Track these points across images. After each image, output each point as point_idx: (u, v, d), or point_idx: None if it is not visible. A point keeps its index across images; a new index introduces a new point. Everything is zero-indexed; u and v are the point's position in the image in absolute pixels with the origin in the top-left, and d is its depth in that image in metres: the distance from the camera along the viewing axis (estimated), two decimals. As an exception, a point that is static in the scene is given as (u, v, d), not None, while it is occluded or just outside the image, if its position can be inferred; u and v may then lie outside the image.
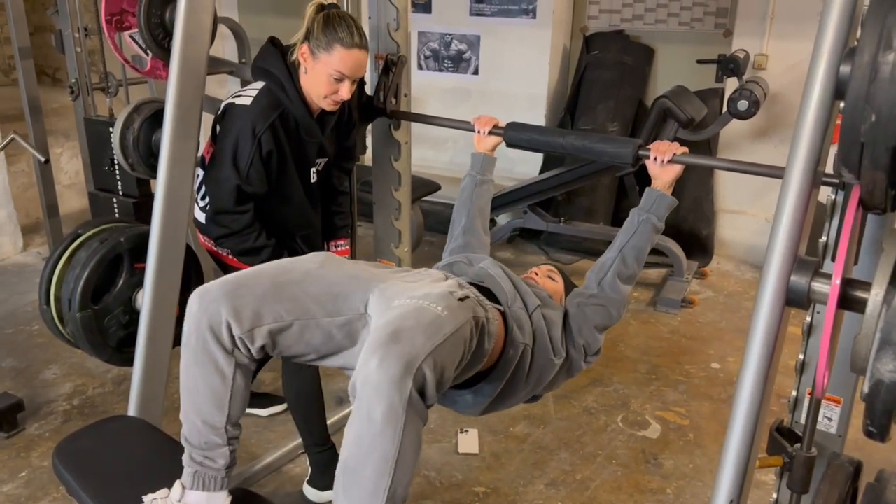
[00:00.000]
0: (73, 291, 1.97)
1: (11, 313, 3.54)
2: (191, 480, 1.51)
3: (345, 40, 1.92)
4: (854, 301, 1.15)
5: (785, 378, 2.05)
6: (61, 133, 4.78)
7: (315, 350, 1.50)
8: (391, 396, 1.20)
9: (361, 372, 1.22)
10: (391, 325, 1.28)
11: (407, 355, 1.21)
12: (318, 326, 1.47)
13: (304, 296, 1.46)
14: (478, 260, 1.80)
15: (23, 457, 2.52)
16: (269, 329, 1.42)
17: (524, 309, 1.65)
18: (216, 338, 1.42)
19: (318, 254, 1.62)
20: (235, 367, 1.45)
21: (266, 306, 1.43)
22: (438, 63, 4.82)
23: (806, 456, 1.60)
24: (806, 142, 1.19)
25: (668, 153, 1.81)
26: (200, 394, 1.47)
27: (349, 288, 1.51)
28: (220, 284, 1.45)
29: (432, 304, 1.35)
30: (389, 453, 1.22)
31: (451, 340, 1.31)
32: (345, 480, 1.28)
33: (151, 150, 2.30)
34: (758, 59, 3.95)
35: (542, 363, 1.66)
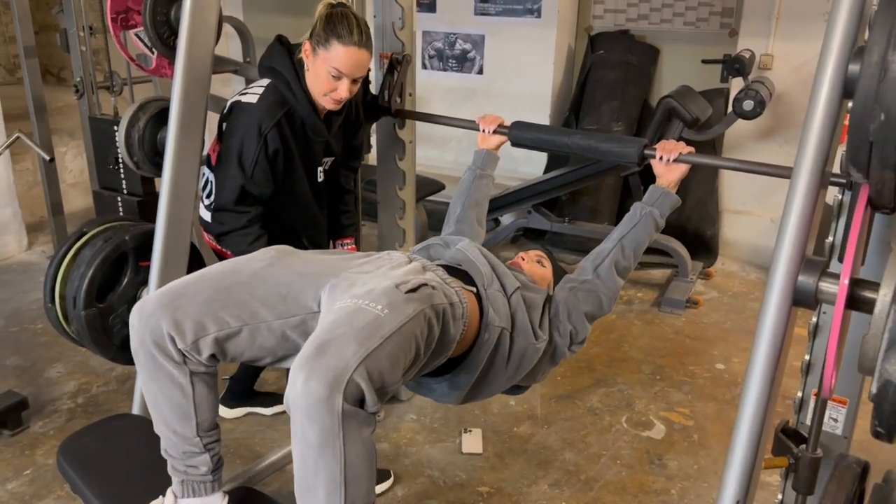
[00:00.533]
0: (78, 290, 1.97)
1: (16, 311, 3.54)
2: (181, 489, 1.51)
3: (343, 37, 1.90)
4: (862, 301, 1.14)
5: (790, 379, 2.04)
6: (66, 132, 4.79)
7: (271, 353, 1.44)
8: (321, 417, 1.15)
9: (290, 392, 1.17)
10: (320, 336, 1.22)
11: (333, 369, 1.15)
12: (270, 329, 1.40)
13: (251, 299, 1.39)
14: (455, 242, 1.73)
15: (27, 455, 2.52)
16: (214, 337, 1.36)
17: (502, 291, 1.58)
18: (163, 352, 1.37)
19: (267, 250, 1.55)
20: (191, 376, 1.40)
21: (209, 314, 1.36)
22: (443, 62, 4.82)
23: (811, 457, 1.60)
24: (814, 141, 1.19)
25: (674, 152, 1.81)
26: (164, 407, 1.44)
27: (299, 286, 1.44)
28: (157, 297, 1.39)
29: (372, 303, 1.29)
30: (335, 472, 1.19)
31: (392, 340, 1.24)
32: (302, 499, 1.27)
33: (156, 149, 2.30)
34: (763, 59, 3.94)
35: (523, 347, 1.59)
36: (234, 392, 2.72)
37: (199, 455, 1.48)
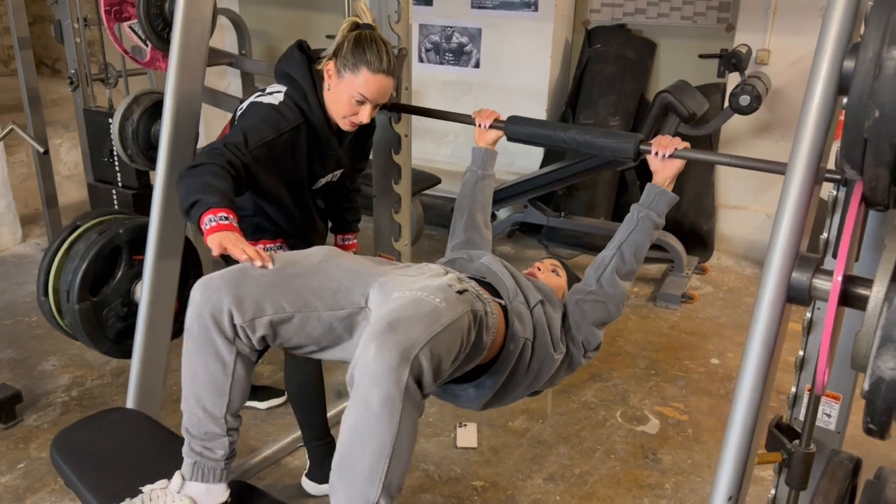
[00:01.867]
0: (72, 283, 1.97)
1: (10, 304, 3.53)
2: (190, 471, 1.51)
3: (372, 63, 1.87)
4: (855, 298, 1.14)
5: (784, 374, 2.05)
6: (60, 124, 4.77)
7: (315, 342, 1.52)
8: (388, 384, 1.22)
9: (360, 360, 1.25)
10: (389, 315, 1.31)
11: (404, 344, 1.24)
12: (319, 319, 1.49)
13: (306, 289, 1.49)
14: (478, 256, 1.82)
15: (21, 448, 2.52)
16: (270, 319, 1.44)
17: (525, 304, 1.66)
18: (218, 326, 1.43)
19: (321, 248, 1.64)
20: (237, 355, 1.46)
21: (268, 297, 1.44)
22: (439, 56, 4.80)
23: (805, 452, 1.60)
24: (808, 138, 1.19)
25: (670, 148, 1.80)
26: (201, 382, 1.48)
27: (350, 282, 1.53)
28: (223, 274, 1.47)
29: (430, 295, 1.38)
30: (386, 440, 1.25)
31: (449, 330, 1.32)
32: (341, 469, 1.30)
33: (150, 142, 2.30)
34: (760, 54, 3.94)
35: (542, 357, 1.67)
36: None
37: (219, 438, 1.50)
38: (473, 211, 2.06)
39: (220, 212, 1.62)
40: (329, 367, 2.72)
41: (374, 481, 1.27)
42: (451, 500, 2.33)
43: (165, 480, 1.53)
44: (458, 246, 2.01)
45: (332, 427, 2.37)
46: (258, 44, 5.02)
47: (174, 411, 2.69)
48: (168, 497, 1.49)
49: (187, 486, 1.51)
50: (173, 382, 2.87)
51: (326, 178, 2.15)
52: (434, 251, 4.26)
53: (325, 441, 2.30)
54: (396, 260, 2.69)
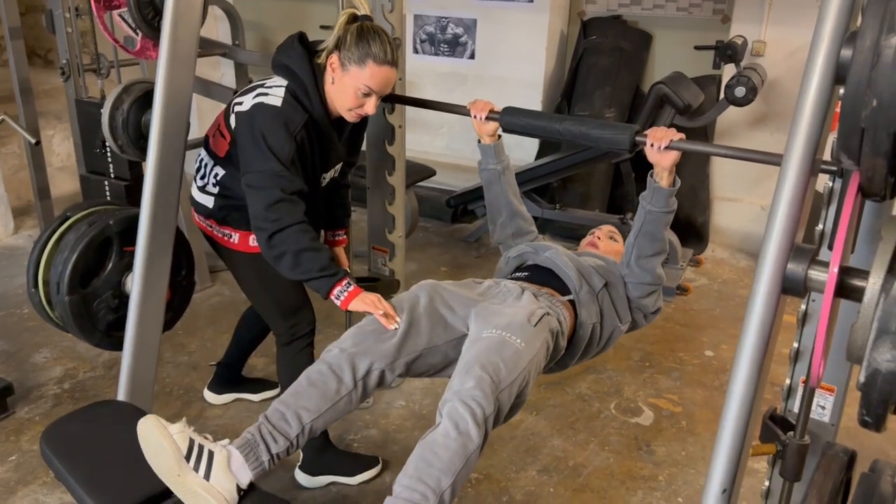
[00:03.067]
0: (62, 275, 1.95)
1: (2, 296, 3.51)
2: (242, 443, 1.58)
3: (377, 56, 1.88)
4: (851, 289, 1.13)
5: (778, 366, 2.04)
6: (53, 115, 4.73)
7: (433, 367, 1.84)
8: (478, 410, 1.51)
9: (460, 391, 1.54)
10: (482, 358, 1.59)
11: (492, 384, 1.54)
12: (438, 350, 1.81)
13: (425, 331, 1.79)
14: (543, 249, 2.06)
15: (12, 441, 2.50)
16: (406, 361, 1.76)
17: (591, 292, 1.93)
18: (353, 369, 1.70)
19: (422, 287, 1.87)
20: (352, 389, 1.70)
21: (402, 345, 1.76)
22: (434, 47, 4.78)
23: (799, 444, 1.60)
24: (805, 128, 1.17)
25: (665, 139, 1.80)
26: (311, 391, 1.67)
27: (453, 318, 1.83)
28: (364, 333, 1.76)
29: (513, 336, 1.65)
30: (469, 448, 1.49)
31: (524, 372, 1.62)
32: (424, 452, 1.50)
33: (141, 132, 2.28)
34: (756, 46, 3.93)
35: (610, 330, 1.98)
36: (221, 378, 2.71)
37: (286, 434, 1.62)
38: (510, 202, 2.21)
39: (343, 281, 1.88)
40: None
41: (450, 472, 1.47)
42: (444, 492, 2.32)
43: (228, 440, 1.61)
44: (512, 236, 2.23)
45: (326, 419, 2.36)
46: (252, 34, 4.98)
47: (167, 404, 2.69)
48: (215, 444, 1.56)
49: (232, 449, 1.57)
50: (165, 375, 2.87)
51: (330, 173, 2.14)
52: (428, 243, 4.25)
53: (318, 434, 2.29)
54: (390, 253, 2.68)
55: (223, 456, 1.54)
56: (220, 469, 1.52)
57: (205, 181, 2.10)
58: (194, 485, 1.49)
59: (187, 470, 1.49)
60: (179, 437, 1.52)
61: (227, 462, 1.54)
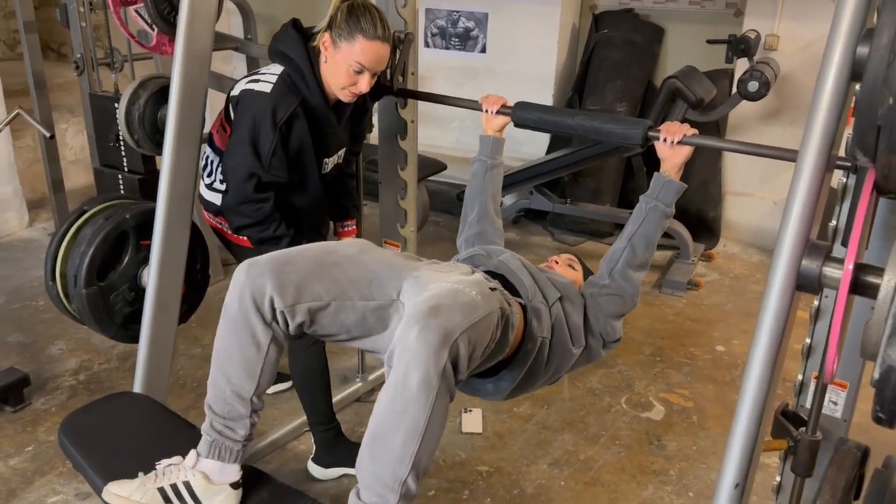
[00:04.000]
0: (79, 268, 1.97)
1: (18, 288, 3.55)
2: (207, 449, 1.53)
3: (367, 31, 1.89)
4: (866, 286, 1.13)
5: (790, 361, 2.04)
6: (66, 108, 4.76)
7: (347, 331, 1.56)
8: (427, 364, 1.26)
9: (401, 340, 1.29)
10: (431, 300, 1.35)
11: (446, 327, 1.28)
12: (353, 309, 1.53)
13: (344, 278, 1.53)
14: (496, 252, 1.83)
15: (29, 431, 2.53)
16: (308, 307, 1.48)
17: (544, 303, 1.68)
18: (258, 309, 1.47)
19: (357, 240, 1.69)
20: (272, 339, 1.50)
21: (308, 285, 1.48)
22: (445, 41, 4.77)
23: (811, 440, 1.60)
24: (820, 124, 1.17)
25: (679, 134, 1.79)
26: (233, 361, 1.51)
27: (384, 274, 1.57)
28: (268, 259, 1.51)
29: (467, 287, 1.44)
30: (420, 420, 1.28)
31: (484, 322, 1.38)
32: (373, 445, 1.34)
33: (157, 127, 2.29)
34: (769, 40, 3.91)
35: (561, 354, 1.70)
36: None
37: (242, 419, 1.53)
38: (485, 202, 2.06)
39: None
40: (334, 353, 2.73)
41: (405, 459, 1.30)
42: (455, 484, 2.34)
43: (179, 457, 1.55)
44: (472, 238, 2.03)
45: (338, 412, 2.38)
46: (264, 28, 4.99)
47: (181, 396, 2.72)
48: (181, 472, 1.51)
49: (202, 463, 1.53)
50: (180, 367, 2.90)
51: (332, 159, 2.15)
52: (439, 237, 4.26)
53: (331, 426, 2.31)
54: (402, 247, 2.69)
55: (199, 478, 1.51)
56: (203, 490, 1.50)
57: (212, 178, 2.12)
58: None
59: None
60: (147, 497, 1.48)
61: (205, 480, 1.51)
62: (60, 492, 2.26)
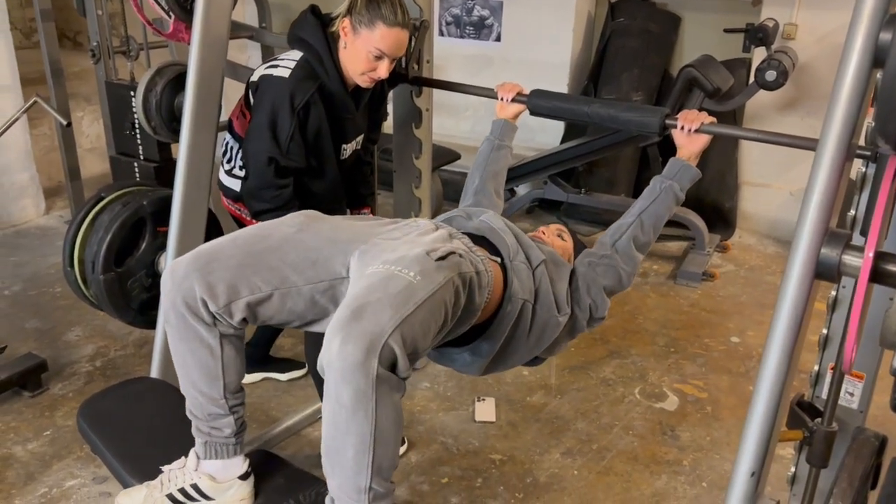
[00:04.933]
0: (97, 254, 1.99)
1: (35, 275, 3.58)
2: (203, 450, 1.52)
3: (387, 18, 1.89)
4: (886, 275, 1.13)
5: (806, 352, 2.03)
6: (82, 97, 4.79)
7: (299, 317, 1.47)
8: (356, 380, 1.17)
9: (325, 354, 1.19)
10: (356, 301, 1.24)
11: (370, 334, 1.17)
12: (300, 294, 1.42)
13: (282, 264, 1.41)
14: (478, 213, 1.73)
15: (47, 416, 2.56)
16: (246, 302, 1.39)
17: (527, 263, 1.58)
18: (194, 314, 1.39)
19: (295, 215, 1.55)
20: (220, 338, 1.43)
21: (241, 279, 1.38)
22: (460, 29, 4.76)
23: (826, 430, 1.59)
24: (841, 112, 1.16)
25: (696, 122, 1.78)
26: (192, 368, 1.46)
27: (329, 252, 1.45)
28: (190, 259, 1.41)
29: (404, 269, 1.30)
30: (365, 433, 1.21)
31: (425, 307, 1.26)
32: (329, 462, 1.29)
33: (174, 114, 2.30)
34: (787, 29, 3.86)
35: (545, 320, 1.60)
36: (250, 357, 2.71)
37: (223, 417, 1.50)
38: (485, 177, 2.02)
39: None
40: (349, 341, 2.73)
41: (362, 470, 1.25)
42: (469, 472, 2.35)
43: (183, 459, 1.55)
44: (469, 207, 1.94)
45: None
46: (278, 17, 4.99)
47: (196, 382, 2.73)
48: (186, 476, 1.51)
49: (203, 465, 1.52)
50: (195, 354, 2.92)
51: (350, 145, 2.16)
52: (453, 227, 4.25)
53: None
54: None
55: (206, 479, 1.50)
56: (213, 489, 1.50)
57: (231, 164, 2.13)
58: None
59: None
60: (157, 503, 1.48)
61: (212, 479, 1.51)
62: (78, 475, 2.29)
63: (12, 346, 2.76)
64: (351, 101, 2.05)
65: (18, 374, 2.62)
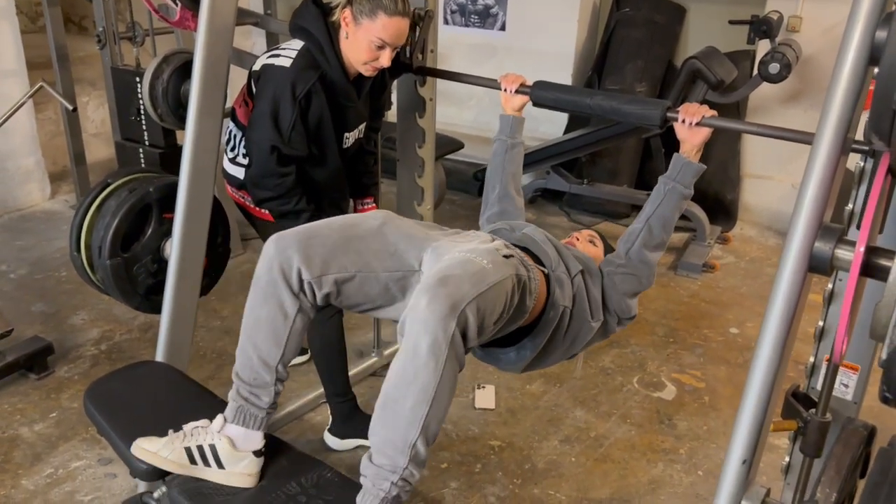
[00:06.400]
0: (103, 239, 2.01)
1: (40, 259, 3.61)
2: (233, 414, 1.58)
3: (388, 7, 1.91)
4: (877, 269, 1.15)
5: (803, 344, 2.06)
6: (87, 82, 4.80)
7: (371, 301, 1.63)
8: (436, 331, 1.32)
9: (412, 310, 1.35)
10: (440, 272, 1.41)
11: (453, 297, 1.34)
12: (377, 279, 1.60)
13: (367, 251, 1.59)
14: (520, 227, 1.89)
15: (53, 398, 2.60)
16: (335, 278, 1.55)
17: (566, 273, 1.74)
18: (286, 280, 1.53)
19: (378, 212, 1.72)
20: (298, 309, 1.56)
21: (334, 257, 1.55)
22: (465, 18, 4.76)
23: (820, 421, 1.61)
24: (837, 107, 1.18)
25: (697, 115, 1.80)
26: (261, 330, 1.56)
27: (405, 246, 1.63)
28: (295, 232, 1.58)
29: (478, 257, 1.49)
30: (430, 384, 1.33)
31: (494, 290, 1.42)
32: (384, 410, 1.39)
33: (180, 101, 2.32)
34: (791, 21, 3.86)
35: (580, 324, 1.76)
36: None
37: (266, 387, 1.58)
38: (506, 182, 2.09)
39: None
40: (350, 328, 2.77)
41: (415, 423, 1.35)
42: (468, 458, 2.38)
43: (207, 420, 1.60)
44: (493, 217, 2.07)
45: (353, 386, 2.42)
46: (283, 3, 4.99)
47: (200, 366, 2.77)
48: (208, 435, 1.57)
49: (228, 428, 1.58)
50: (200, 339, 2.95)
51: (353, 134, 2.17)
52: (456, 216, 4.28)
53: (347, 398, 2.36)
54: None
55: (225, 443, 1.55)
56: (228, 456, 1.54)
57: (235, 152, 2.15)
58: (215, 478, 1.54)
59: (202, 471, 1.54)
60: (174, 455, 1.53)
61: (230, 445, 1.55)
62: (84, 457, 2.33)
63: (19, 329, 2.80)
64: (352, 90, 2.07)
65: (25, 357, 2.66)
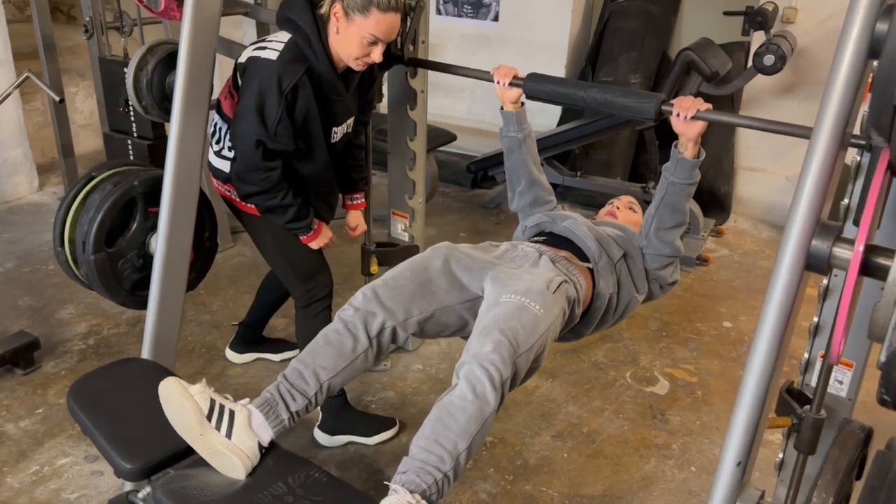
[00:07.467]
0: (87, 234, 1.98)
1: (28, 252, 3.57)
2: (261, 402, 1.61)
3: (381, 3, 1.87)
4: (876, 268, 1.12)
5: (797, 339, 2.04)
6: (76, 72, 4.74)
7: (448, 328, 1.85)
8: (494, 376, 1.52)
9: (478, 354, 1.55)
10: (501, 323, 1.60)
11: (511, 348, 1.56)
12: (452, 311, 1.82)
13: (440, 290, 1.81)
14: (562, 218, 2.05)
15: (39, 394, 2.57)
16: (417, 319, 1.77)
17: (609, 262, 1.94)
18: (366, 328, 1.72)
19: (439, 249, 1.88)
20: (366, 349, 1.72)
21: (414, 302, 1.77)
22: (457, 8, 4.71)
23: (815, 418, 1.59)
24: (836, 102, 1.15)
25: (692, 109, 1.78)
26: (328, 348, 1.70)
27: (469, 279, 1.83)
28: (378, 292, 1.76)
29: (532, 302, 1.66)
30: (486, 412, 1.51)
31: (545, 336, 1.64)
32: (439, 419, 1.51)
33: (165, 93, 2.28)
34: (786, 13, 3.84)
35: (627, 301, 1.99)
36: (243, 337, 2.75)
37: (305, 393, 1.64)
38: (530, 171, 2.18)
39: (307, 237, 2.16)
40: (342, 322, 2.74)
41: (465, 435, 1.49)
42: (460, 454, 2.36)
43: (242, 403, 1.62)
44: (527, 208, 2.21)
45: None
46: (274, -7, 4.94)
47: (189, 361, 2.74)
48: (233, 403, 1.58)
49: (251, 407, 1.60)
50: (189, 333, 2.92)
51: (341, 128, 2.14)
52: (448, 209, 4.25)
53: (337, 394, 2.33)
54: (409, 218, 2.68)
55: (244, 415, 1.56)
56: (241, 428, 1.54)
57: (220, 145, 2.11)
58: (217, 444, 1.52)
59: (209, 429, 1.52)
60: (200, 398, 1.54)
61: (247, 421, 1.56)
62: (70, 454, 2.30)
63: (5, 324, 2.76)
64: (340, 84, 2.03)
65: (11, 352, 2.62)
